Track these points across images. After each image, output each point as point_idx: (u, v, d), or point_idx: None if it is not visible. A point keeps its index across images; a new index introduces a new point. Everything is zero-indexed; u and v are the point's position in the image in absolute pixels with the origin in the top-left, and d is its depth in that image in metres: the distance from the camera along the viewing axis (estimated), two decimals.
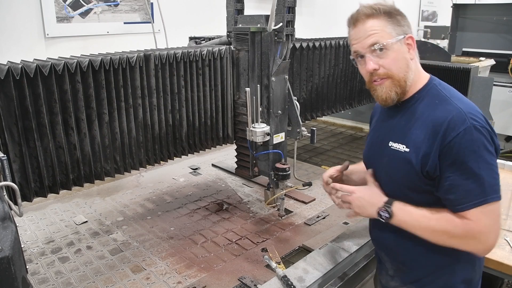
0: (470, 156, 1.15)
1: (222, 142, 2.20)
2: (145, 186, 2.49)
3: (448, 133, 1.16)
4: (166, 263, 1.70)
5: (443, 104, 1.23)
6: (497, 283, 2.45)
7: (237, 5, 2.08)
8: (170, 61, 1.85)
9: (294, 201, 2.28)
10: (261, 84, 1.97)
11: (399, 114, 1.33)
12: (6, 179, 1.09)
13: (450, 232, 1.20)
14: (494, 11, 3.93)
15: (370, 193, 1.37)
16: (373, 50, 1.24)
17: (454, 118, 1.17)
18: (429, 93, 1.28)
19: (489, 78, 2.96)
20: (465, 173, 1.16)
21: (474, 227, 1.16)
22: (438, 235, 1.22)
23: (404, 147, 1.27)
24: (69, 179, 1.66)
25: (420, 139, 1.23)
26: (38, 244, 1.85)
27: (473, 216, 1.16)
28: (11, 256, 0.80)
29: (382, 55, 1.24)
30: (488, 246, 1.19)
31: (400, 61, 1.25)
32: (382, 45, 1.23)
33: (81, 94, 1.61)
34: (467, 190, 1.16)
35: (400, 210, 1.28)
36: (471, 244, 1.20)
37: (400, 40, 1.24)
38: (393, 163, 1.31)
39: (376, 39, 1.23)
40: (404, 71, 1.26)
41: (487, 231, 1.17)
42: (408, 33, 1.26)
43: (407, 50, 1.27)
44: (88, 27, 2.91)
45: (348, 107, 2.88)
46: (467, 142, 1.15)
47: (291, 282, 1.51)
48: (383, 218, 1.30)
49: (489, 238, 1.18)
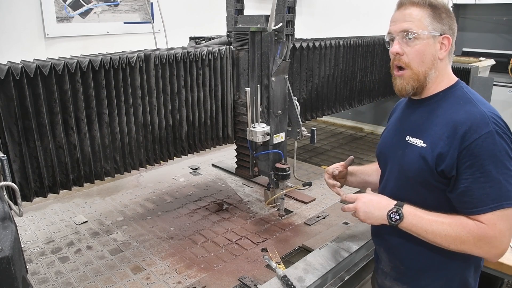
0: (490, 160, 1.14)
1: (222, 142, 2.20)
2: (145, 186, 2.49)
3: (470, 135, 1.15)
4: (166, 263, 1.70)
5: (467, 105, 1.22)
6: (497, 283, 2.45)
7: (237, 5, 2.08)
8: (170, 61, 1.85)
9: (294, 201, 2.28)
10: (261, 84, 1.97)
11: (420, 109, 1.33)
12: (6, 179, 1.09)
13: (463, 237, 1.18)
14: (494, 11, 3.92)
15: (377, 198, 1.36)
16: (404, 35, 1.25)
17: (477, 121, 1.16)
18: (454, 93, 1.28)
19: (489, 78, 2.96)
20: (483, 176, 1.14)
21: (489, 231, 1.15)
22: (451, 240, 1.20)
23: (421, 142, 1.27)
24: (69, 179, 1.66)
25: (438, 136, 1.22)
26: (38, 244, 1.85)
27: (488, 220, 1.15)
28: (11, 256, 0.80)
29: (410, 43, 1.25)
30: (501, 251, 1.18)
31: (425, 56, 1.25)
32: (413, 33, 1.23)
33: (81, 94, 1.61)
34: (484, 193, 1.15)
35: (410, 213, 1.26)
36: (484, 249, 1.18)
37: (434, 36, 1.24)
38: (408, 157, 1.31)
39: (409, 26, 1.24)
40: (426, 66, 1.26)
41: (501, 236, 1.15)
42: (446, 33, 1.25)
43: (438, 48, 1.26)
44: (88, 27, 2.91)
45: (348, 107, 2.88)
46: (489, 145, 1.14)
47: (291, 282, 1.51)
48: (394, 220, 1.27)
49: (502, 243, 1.17)
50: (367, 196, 1.37)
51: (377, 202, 1.34)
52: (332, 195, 2.34)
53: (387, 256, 1.46)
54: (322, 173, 2.68)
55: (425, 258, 1.33)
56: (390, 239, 1.41)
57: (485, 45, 3.96)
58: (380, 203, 1.33)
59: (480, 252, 1.20)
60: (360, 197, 1.38)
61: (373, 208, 1.33)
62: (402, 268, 1.41)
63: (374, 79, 3.03)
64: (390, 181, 1.42)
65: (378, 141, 1.55)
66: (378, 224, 1.34)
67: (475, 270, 1.34)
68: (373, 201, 1.34)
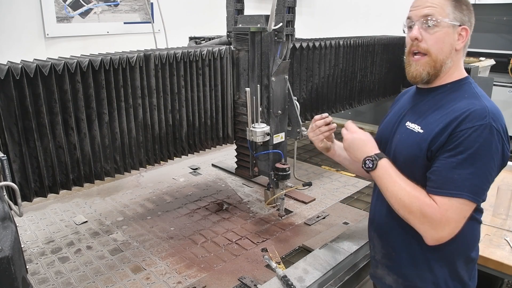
0: (470, 150, 1.14)
1: (222, 142, 2.20)
2: (145, 186, 2.49)
3: (465, 123, 1.16)
4: (166, 263, 1.70)
5: (471, 98, 1.23)
6: (497, 283, 2.45)
7: (237, 5, 2.08)
8: (170, 61, 1.85)
9: (294, 201, 2.28)
10: (261, 84, 1.97)
11: (426, 98, 1.34)
12: (6, 179, 1.09)
13: (412, 208, 1.20)
14: (494, 11, 3.92)
15: (367, 139, 1.37)
16: (424, 21, 1.24)
17: (476, 112, 1.17)
18: (461, 87, 1.28)
19: (489, 78, 2.96)
20: (456, 162, 1.16)
21: (436, 213, 1.16)
22: (401, 205, 1.22)
23: (419, 128, 1.28)
24: (69, 179, 1.66)
25: (435, 123, 1.23)
26: (38, 244, 1.85)
27: (442, 204, 1.16)
28: (11, 256, 0.80)
29: (430, 30, 1.24)
30: (438, 236, 1.18)
31: (444, 44, 1.25)
32: (434, 20, 1.22)
33: (81, 94, 1.61)
34: (450, 178, 1.16)
35: (383, 167, 1.28)
36: (425, 227, 1.19)
37: (454, 25, 1.24)
38: (404, 141, 1.32)
39: (431, 12, 1.23)
40: (444, 55, 1.26)
41: (446, 222, 1.16)
42: (465, 24, 1.25)
43: (456, 39, 1.26)
44: (88, 27, 2.91)
45: (348, 107, 2.88)
46: (476, 137, 1.14)
47: (291, 282, 1.51)
48: (366, 166, 1.30)
49: (443, 230, 1.17)
50: (359, 134, 1.39)
51: (363, 144, 1.36)
52: (332, 195, 2.34)
53: (380, 242, 1.46)
54: (322, 173, 2.69)
55: (416, 246, 1.32)
56: (384, 226, 1.42)
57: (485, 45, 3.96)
58: (365, 145, 1.35)
59: (420, 228, 1.20)
60: (353, 131, 1.41)
61: (356, 146, 1.37)
62: (393, 255, 1.41)
63: (374, 79, 3.03)
64: None
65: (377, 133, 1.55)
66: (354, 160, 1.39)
67: (465, 261, 1.33)
68: (361, 141, 1.37)
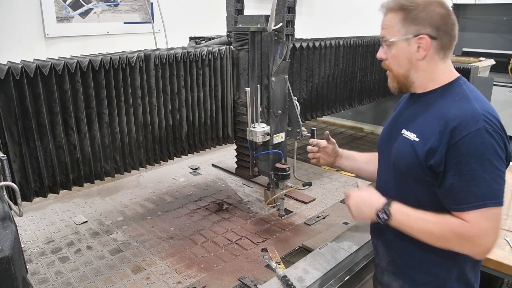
0: (477, 158, 1.13)
1: (222, 142, 2.20)
2: (145, 186, 2.49)
3: (459, 131, 1.15)
4: (166, 263, 1.70)
5: (461, 101, 1.22)
6: (497, 283, 2.45)
7: (237, 5, 2.08)
8: (170, 61, 1.85)
9: (294, 201, 2.28)
10: (261, 84, 1.97)
11: (417, 104, 1.35)
12: (6, 179, 1.09)
13: (447, 236, 1.20)
14: (494, 11, 3.92)
15: (367, 194, 1.37)
16: (382, 42, 1.35)
17: (467, 117, 1.16)
18: (452, 90, 1.28)
19: (489, 78, 2.96)
20: (469, 174, 1.14)
21: (471, 230, 1.16)
22: (435, 238, 1.22)
23: (415, 136, 1.28)
24: (69, 179, 1.66)
25: (430, 130, 1.23)
26: (38, 244, 1.85)
27: (471, 219, 1.16)
28: (11, 256, 0.80)
29: (388, 50, 1.34)
30: (484, 249, 1.18)
31: (401, 59, 1.31)
32: (387, 41, 1.32)
33: (81, 94, 1.61)
34: (469, 191, 1.15)
35: (398, 211, 1.28)
36: (467, 247, 1.19)
37: (407, 39, 1.26)
38: (401, 150, 1.32)
39: (383, 34, 1.34)
40: (404, 69, 1.31)
41: (484, 235, 1.16)
42: (421, 32, 1.24)
43: (415, 50, 1.27)
44: (88, 27, 2.91)
45: (348, 107, 2.88)
46: (476, 144, 1.13)
47: (291, 282, 1.51)
48: (382, 219, 1.30)
49: (486, 242, 1.17)
50: (357, 193, 1.40)
51: (367, 199, 1.36)
52: (332, 195, 2.34)
53: (385, 249, 1.46)
54: (322, 173, 2.69)
55: (421, 251, 1.33)
56: (387, 233, 1.42)
57: (485, 45, 3.97)
58: (370, 200, 1.35)
59: (464, 250, 1.21)
60: (351, 194, 1.41)
61: (363, 205, 1.36)
62: (399, 262, 1.41)
63: (374, 79, 3.03)
64: (384, 172, 1.44)
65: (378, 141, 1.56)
66: (368, 221, 1.40)
67: (473, 264, 1.34)
68: (363, 198, 1.37)
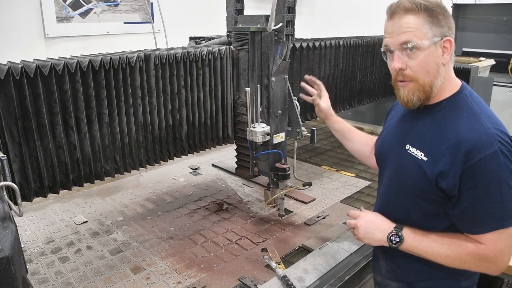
0: (494, 181, 1.11)
1: (222, 142, 2.20)
2: (145, 186, 2.49)
3: (474, 154, 1.10)
4: (166, 263, 1.70)
5: (471, 119, 1.16)
6: (497, 283, 2.45)
7: (237, 5, 2.07)
8: (170, 61, 1.85)
9: (294, 201, 2.28)
10: (261, 84, 1.97)
11: (422, 118, 1.27)
12: (6, 179, 1.09)
13: (463, 258, 1.18)
14: (494, 11, 3.92)
15: (379, 219, 1.35)
16: (404, 48, 1.16)
17: (481, 140, 1.11)
18: (458, 103, 1.21)
19: (489, 78, 2.96)
20: (485, 197, 1.12)
21: (488, 252, 1.15)
22: (451, 261, 1.20)
23: (423, 155, 1.22)
24: (69, 179, 1.66)
25: (440, 151, 1.17)
26: (38, 244, 1.85)
27: (487, 241, 1.14)
28: (11, 256, 0.80)
29: (412, 55, 1.17)
30: (501, 267, 1.18)
31: (430, 65, 1.17)
32: (414, 45, 1.15)
33: (81, 94, 1.61)
34: (486, 214, 1.13)
35: (410, 235, 1.26)
36: (484, 266, 1.19)
37: (435, 42, 1.15)
38: (407, 168, 1.27)
39: (409, 38, 1.15)
40: (432, 76, 1.18)
41: (501, 254, 1.15)
42: (446, 35, 1.16)
43: (441, 54, 1.17)
44: (88, 27, 2.91)
45: (348, 107, 2.88)
46: (493, 166, 1.10)
47: (291, 282, 1.51)
48: (394, 243, 1.27)
49: (503, 261, 1.16)
50: (370, 216, 1.37)
51: (378, 224, 1.34)
52: (332, 195, 2.34)
53: (385, 259, 1.46)
54: (322, 173, 2.69)
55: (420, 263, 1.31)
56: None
57: (485, 45, 3.96)
58: (381, 225, 1.33)
59: (481, 270, 1.21)
60: (363, 215, 1.38)
61: (374, 229, 1.34)
62: (398, 271, 1.41)
63: (374, 79, 3.03)
64: (390, 189, 1.39)
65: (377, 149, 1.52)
66: (376, 245, 1.37)
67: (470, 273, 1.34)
68: (375, 222, 1.35)
